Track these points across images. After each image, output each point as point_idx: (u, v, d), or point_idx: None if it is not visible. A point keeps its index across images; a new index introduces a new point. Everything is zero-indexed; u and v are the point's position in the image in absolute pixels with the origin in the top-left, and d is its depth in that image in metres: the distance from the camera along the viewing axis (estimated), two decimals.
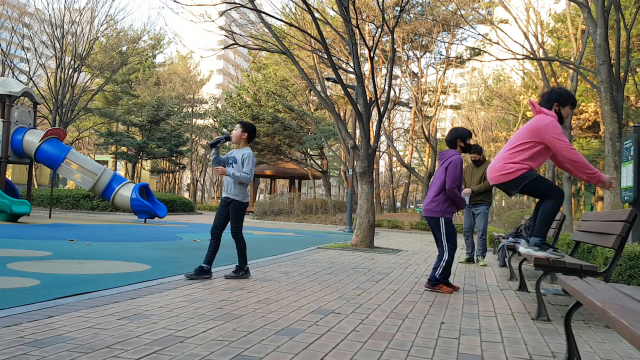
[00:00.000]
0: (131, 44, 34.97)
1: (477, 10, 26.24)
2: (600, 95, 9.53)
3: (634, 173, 6.48)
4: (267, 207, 24.23)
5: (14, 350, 2.39)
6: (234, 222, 5.13)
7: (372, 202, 9.61)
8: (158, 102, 34.76)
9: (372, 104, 10.00)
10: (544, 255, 3.86)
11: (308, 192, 56.86)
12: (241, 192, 5.13)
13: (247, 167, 5.06)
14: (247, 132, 5.19)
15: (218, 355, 2.48)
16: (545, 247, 3.94)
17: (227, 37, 11.95)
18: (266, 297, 4.10)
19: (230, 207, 5.12)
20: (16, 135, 15.07)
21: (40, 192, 22.70)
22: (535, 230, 4.03)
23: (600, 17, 9.52)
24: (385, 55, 28.74)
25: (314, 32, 11.65)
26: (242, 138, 5.19)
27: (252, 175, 5.10)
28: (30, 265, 5.25)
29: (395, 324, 3.38)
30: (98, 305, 3.48)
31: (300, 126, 28.55)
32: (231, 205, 5.12)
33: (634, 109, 24.10)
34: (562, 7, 38.58)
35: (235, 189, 5.11)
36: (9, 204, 11.87)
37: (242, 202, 5.16)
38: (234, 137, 5.19)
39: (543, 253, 3.89)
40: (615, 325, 1.52)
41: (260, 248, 8.73)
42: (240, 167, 5.06)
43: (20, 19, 33.60)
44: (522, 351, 2.87)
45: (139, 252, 7.07)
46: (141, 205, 15.09)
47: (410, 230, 19.00)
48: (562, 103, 4.17)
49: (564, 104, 4.18)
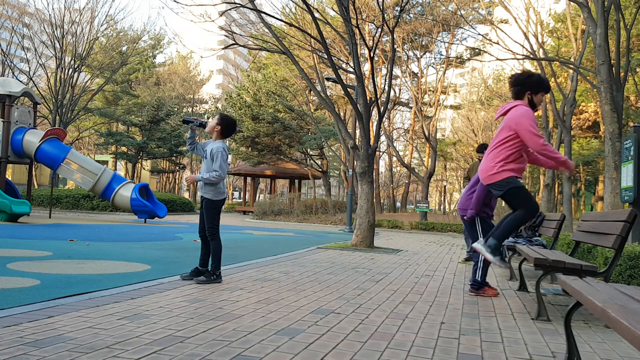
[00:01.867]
0: (131, 44, 34.98)
1: (477, 10, 26.24)
2: (600, 95, 9.53)
3: (634, 173, 6.48)
4: (267, 207, 24.23)
5: (14, 350, 2.39)
6: (207, 222, 4.81)
7: (372, 202, 9.61)
8: (158, 102, 34.76)
9: (372, 104, 10.00)
10: (492, 260, 3.93)
11: (308, 192, 56.85)
12: (212, 189, 4.78)
13: (216, 164, 4.69)
14: (220, 125, 4.80)
15: (218, 355, 2.48)
16: (497, 253, 3.97)
17: (227, 37, 11.95)
18: (266, 297, 4.10)
19: (203, 206, 4.84)
20: (16, 135, 15.07)
21: (40, 192, 22.70)
22: (497, 233, 4.02)
23: (600, 17, 9.52)
24: (385, 55, 28.73)
25: (314, 32, 11.65)
26: (215, 130, 4.81)
27: (223, 171, 4.74)
28: (30, 265, 5.25)
29: (395, 324, 3.38)
30: (98, 305, 3.48)
31: (300, 126, 28.55)
32: (203, 203, 4.84)
33: (634, 109, 24.10)
34: (562, 7, 38.60)
35: (206, 187, 4.81)
36: (9, 204, 11.87)
37: (215, 200, 4.81)
38: (208, 127, 4.83)
39: (492, 258, 3.94)
40: (615, 325, 1.52)
41: (260, 248, 8.73)
42: (210, 163, 4.72)
43: (20, 19, 33.61)
44: (522, 351, 2.87)
45: (139, 252, 7.07)
46: (141, 205, 15.09)
47: (410, 230, 19.00)
48: (533, 90, 4.14)
49: (536, 91, 4.14)
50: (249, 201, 35.72)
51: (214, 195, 4.79)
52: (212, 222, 4.80)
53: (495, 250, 3.96)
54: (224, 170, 4.74)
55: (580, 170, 34.42)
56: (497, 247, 3.97)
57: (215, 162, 4.68)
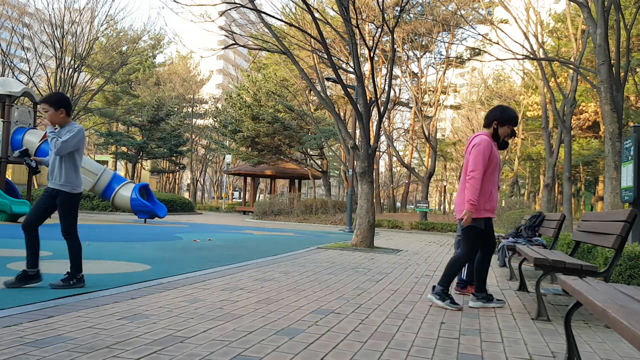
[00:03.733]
0: (131, 44, 34.97)
1: (477, 10, 26.24)
2: (600, 95, 9.53)
3: (634, 173, 6.48)
4: (267, 207, 24.23)
5: (14, 350, 2.39)
6: (63, 219, 4.15)
7: (372, 202, 9.60)
8: (158, 102, 34.76)
9: (372, 104, 10.00)
10: (442, 305, 4.03)
11: (308, 192, 56.84)
12: (70, 180, 4.15)
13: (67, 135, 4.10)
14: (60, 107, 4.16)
15: (218, 355, 2.48)
16: (444, 296, 4.06)
17: (227, 37, 11.95)
18: (266, 297, 4.09)
19: (57, 201, 4.14)
20: (16, 135, 15.07)
21: (40, 192, 22.68)
22: (441, 278, 4.12)
23: (600, 17, 9.52)
24: (385, 55, 28.74)
25: (314, 32, 11.65)
26: (59, 116, 4.18)
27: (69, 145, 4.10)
28: None
29: (395, 324, 3.38)
30: (98, 305, 3.48)
31: (300, 126, 28.54)
32: (58, 198, 4.14)
33: (634, 109, 24.09)
34: (562, 7, 38.61)
35: (61, 177, 4.14)
36: (9, 204, 11.87)
37: (72, 194, 4.16)
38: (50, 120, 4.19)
39: (441, 303, 4.04)
40: (615, 325, 1.52)
41: (260, 248, 8.73)
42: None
43: (20, 19, 33.60)
44: (522, 351, 2.87)
45: (139, 252, 7.07)
46: (141, 205, 15.09)
47: (410, 230, 19.00)
48: (500, 122, 4.19)
49: (502, 123, 4.19)
50: (249, 201, 35.72)
51: (72, 188, 4.18)
52: (68, 220, 4.17)
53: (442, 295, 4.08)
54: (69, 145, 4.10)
55: (580, 170, 34.43)
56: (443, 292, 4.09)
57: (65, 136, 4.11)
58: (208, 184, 66.07)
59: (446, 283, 4.07)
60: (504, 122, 4.17)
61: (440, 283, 4.09)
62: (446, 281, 4.07)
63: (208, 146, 46.16)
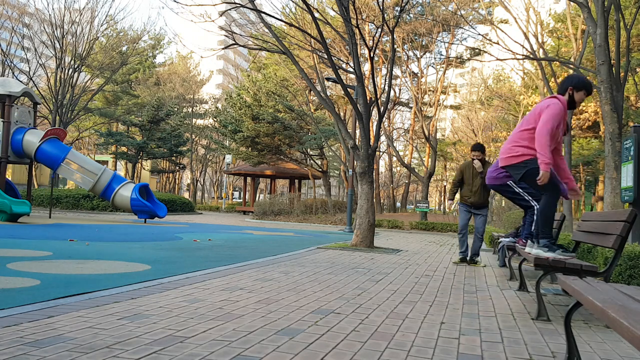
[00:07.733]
0: (131, 44, 34.97)
1: (477, 10, 26.24)
2: (600, 95, 9.53)
3: (634, 173, 6.48)
4: (267, 207, 24.23)
5: (14, 350, 2.39)
6: None
7: (372, 202, 9.60)
8: (158, 102, 34.76)
9: (372, 104, 10.00)
10: (553, 256, 3.80)
11: (308, 192, 56.82)
12: None
13: None
14: None
15: (218, 355, 2.48)
16: (555, 247, 3.91)
17: (227, 37, 11.94)
18: (266, 297, 4.09)
19: None
20: (16, 135, 15.07)
21: (40, 192, 22.69)
22: (540, 231, 3.99)
23: (600, 17, 9.52)
24: (385, 55, 28.73)
25: (314, 32, 11.65)
26: None
27: None
28: (30, 265, 5.25)
29: (395, 324, 3.38)
30: (98, 305, 3.48)
31: (300, 126, 28.54)
32: None
33: (634, 109, 24.09)
34: (562, 7, 38.55)
35: None
36: (9, 204, 11.87)
37: None
38: None
39: (552, 254, 3.83)
40: (615, 325, 1.52)
41: (260, 248, 8.73)
42: None
43: (20, 19, 33.60)
44: (522, 351, 2.87)
45: (139, 252, 7.07)
46: (141, 205, 15.09)
47: (410, 230, 19.00)
48: (576, 87, 4.21)
49: (578, 88, 4.21)
50: (249, 201, 35.73)
51: None
52: None
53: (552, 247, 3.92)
54: None
55: (580, 170, 34.41)
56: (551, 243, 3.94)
57: None
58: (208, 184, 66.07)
59: (549, 233, 3.91)
60: (580, 87, 4.18)
61: (542, 236, 3.95)
62: (547, 231, 3.92)
63: (208, 146, 46.18)
